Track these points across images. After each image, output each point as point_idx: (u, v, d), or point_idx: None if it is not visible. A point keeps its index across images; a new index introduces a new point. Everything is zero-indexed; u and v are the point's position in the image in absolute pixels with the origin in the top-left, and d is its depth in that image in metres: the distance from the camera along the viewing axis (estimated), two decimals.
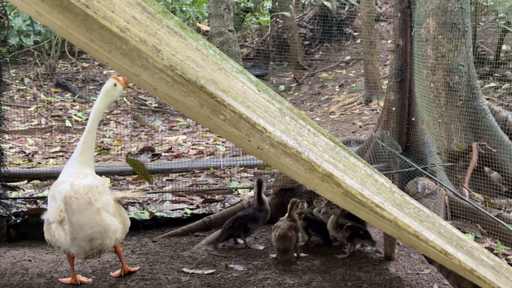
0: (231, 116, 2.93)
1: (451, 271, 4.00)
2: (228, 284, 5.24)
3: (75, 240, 4.84)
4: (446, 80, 6.76)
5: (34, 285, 5.17)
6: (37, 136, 11.01)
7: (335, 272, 5.46)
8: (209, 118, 2.99)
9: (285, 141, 2.95)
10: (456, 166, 6.71)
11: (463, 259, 2.87)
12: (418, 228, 2.88)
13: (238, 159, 8.92)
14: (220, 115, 3.07)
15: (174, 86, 2.99)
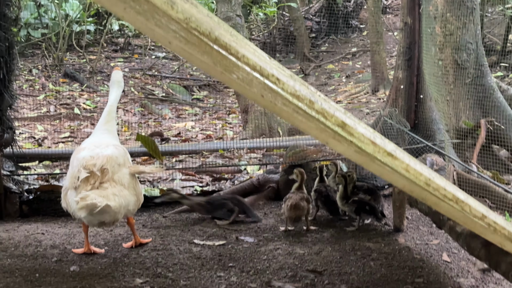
0: (245, 66, 2.98)
1: (461, 233, 4.04)
2: (239, 254, 5.30)
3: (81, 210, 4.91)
4: (454, 58, 6.80)
5: (47, 255, 5.23)
6: (46, 123, 11.09)
7: (344, 243, 5.51)
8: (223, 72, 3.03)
9: (298, 91, 3.00)
10: (465, 144, 6.75)
11: (474, 205, 2.92)
12: (430, 175, 2.93)
13: (246, 142, 8.98)
14: (234, 70, 3.12)
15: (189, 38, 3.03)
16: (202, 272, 4.91)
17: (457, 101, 6.82)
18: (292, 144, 7.25)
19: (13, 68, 6.55)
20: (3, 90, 6.35)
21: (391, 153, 2.96)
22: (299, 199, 5.80)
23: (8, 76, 6.43)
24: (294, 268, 4.96)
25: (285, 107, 3.21)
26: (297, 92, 3.03)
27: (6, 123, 6.53)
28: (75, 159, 5.07)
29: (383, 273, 4.81)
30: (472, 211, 2.94)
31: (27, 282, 4.62)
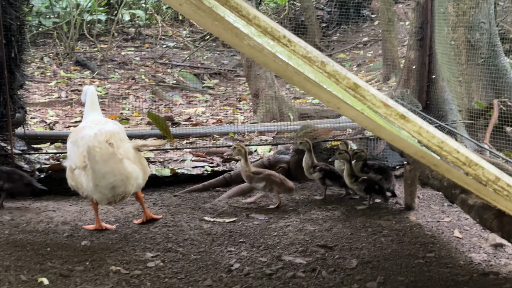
0: (257, 26, 2.96)
1: (473, 206, 4.00)
2: (249, 231, 5.29)
3: (98, 187, 4.95)
4: (467, 38, 6.74)
5: (59, 231, 5.25)
6: (58, 108, 11.10)
7: (355, 220, 5.50)
8: (234, 29, 3.02)
9: (310, 52, 2.98)
10: (477, 124, 6.70)
11: (487, 166, 2.88)
12: (442, 137, 2.90)
13: (257, 125, 8.96)
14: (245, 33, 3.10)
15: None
16: (212, 247, 4.91)
17: (470, 81, 6.76)
18: (303, 124, 7.22)
19: (24, 47, 6.57)
20: (14, 69, 6.36)
21: (403, 115, 2.93)
22: None
23: (20, 55, 6.45)
24: (304, 243, 4.95)
25: (296, 74, 3.19)
26: (308, 53, 3.01)
27: (17, 102, 6.55)
28: (80, 138, 5.07)
29: (394, 248, 4.80)
30: (485, 174, 2.90)
31: (38, 256, 4.64)
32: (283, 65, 3.22)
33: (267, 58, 3.25)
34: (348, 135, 7.17)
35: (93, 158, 4.81)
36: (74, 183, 5.17)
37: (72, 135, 5.27)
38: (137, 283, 4.20)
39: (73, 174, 5.14)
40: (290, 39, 3.01)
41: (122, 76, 14.43)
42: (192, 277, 4.30)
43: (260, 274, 4.34)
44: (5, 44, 6.20)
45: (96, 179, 4.91)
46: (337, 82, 3.02)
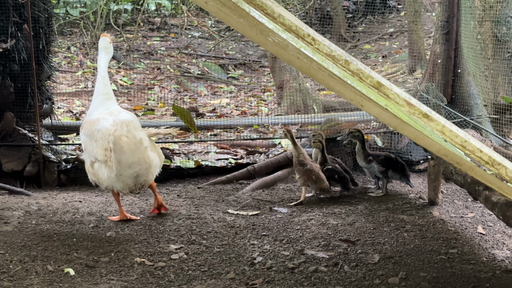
0: (282, 25, 2.98)
1: (496, 203, 3.99)
2: (272, 224, 5.33)
3: (121, 177, 5.00)
4: (494, 32, 6.67)
5: (85, 222, 5.33)
6: (84, 98, 11.21)
7: (378, 215, 5.50)
8: (260, 26, 3.04)
9: (334, 50, 2.99)
10: (502, 119, 6.64)
11: (510, 166, 2.88)
12: (466, 136, 2.90)
13: (281, 118, 8.98)
14: (270, 31, 3.12)
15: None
16: (235, 240, 4.95)
17: (496, 75, 6.70)
18: (327, 118, 7.22)
19: (52, 39, 6.65)
20: (42, 60, 6.46)
21: (426, 114, 2.94)
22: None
23: (47, 47, 6.54)
24: (327, 237, 4.97)
25: (320, 71, 3.21)
26: (332, 52, 3.02)
27: (45, 94, 6.65)
28: (96, 131, 5.07)
29: (417, 244, 4.80)
30: (508, 173, 2.90)
31: (64, 246, 4.72)
32: (307, 62, 3.24)
33: (291, 56, 3.27)
34: (372, 128, 7.16)
35: (120, 149, 4.84)
36: (95, 178, 5.23)
37: (86, 127, 5.23)
38: (161, 275, 4.27)
39: (93, 168, 5.18)
40: (314, 38, 3.03)
41: (148, 66, 14.52)
42: (215, 270, 4.36)
43: (282, 268, 4.37)
44: (33, 36, 6.29)
45: (121, 169, 4.95)
46: (361, 80, 3.03)
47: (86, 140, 5.20)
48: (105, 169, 5.05)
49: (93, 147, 5.10)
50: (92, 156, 5.14)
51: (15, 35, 6.20)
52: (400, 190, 6.31)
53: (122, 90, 12.05)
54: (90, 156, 5.18)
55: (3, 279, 4.08)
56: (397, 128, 3.29)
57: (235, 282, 4.16)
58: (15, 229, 5.05)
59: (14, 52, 6.22)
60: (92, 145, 5.12)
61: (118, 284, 4.11)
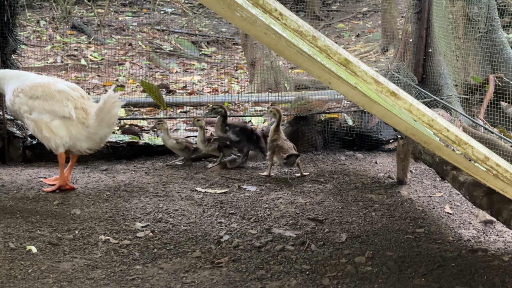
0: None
1: (464, 182, 3.99)
2: (240, 202, 5.28)
3: (94, 135, 5.38)
4: (465, 11, 6.66)
5: (49, 199, 5.24)
6: (53, 73, 11.01)
7: (347, 194, 5.49)
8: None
9: (301, 26, 2.93)
10: (472, 99, 6.66)
11: (476, 146, 2.86)
12: (433, 115, 2.87)
13: (252, 96, 8.91)
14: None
15: None
16: (203, 218, 4.90)
17: (466, 55, 6.70)
18: (298, 96, 7.17)
19: (17, 11, 6.48)
20: (7, 33, 6.29)
21: (394, 92, 2.90)
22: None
23: (13, 20, 6.36)
24: (295, 216, 4.95)
25: (288, 47, 3.14)
26: (300, 27, 2.96)
27: (10, 68, 6.47)
28: (57, 92, 5.34)
29: (384, 223, 4.80)
30: (474, 153, 2.88)
31: (27, 223, 4.63)
32: (275, 38, 3.18)
33: (259, 31, 3.20)
34: (343, 107, 7.14)
35: (109, 110, 5.28)
36: (50, 135, 5.34)
37: (34, 90, 5.33)
38: (126, 253, 4.20)
39: (51, 126, 5.32)
40: (281, 12, 2.95)
41: (119, 42, 14.32)
42: (181, 248, 4.31)
43: (249, 247, 4.34)
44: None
45: (99, 128, 5.34)
46: (328, 57, 2.97)
47: (35, 101, 5.33)
48: (73, 127, 5.32)
49: (55, 106, 5.31)
50: (51, 114, 5.33)
51: None
52: (369, 169, 6.31)
53: (92, 65, 11.87)
54: (47, 115, 5.33)
55: None
56: (365, 107, 3.25)
57: (201, 260, 4.11)
58: None
59: None
60: (51, 104, 5.31)
61: (81, 262, 4.03)
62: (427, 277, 3.83)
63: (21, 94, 5.36)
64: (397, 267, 3.97)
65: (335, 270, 3.96)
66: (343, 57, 2.92)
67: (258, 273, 3.92)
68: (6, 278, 3.75)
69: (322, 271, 3.94)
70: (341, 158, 6.72)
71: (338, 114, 6.86)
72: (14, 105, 5.39)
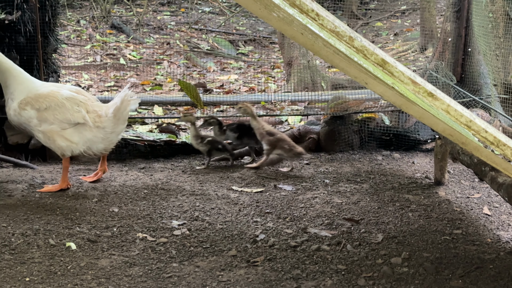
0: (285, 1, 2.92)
1: (502, 184, 3.94)
2: (276, 201, 5.30)
3: (111, 134, 5.44)
4: (506, 10, 6.56)
5: (88, 196, 5.33)
6: (92, 72, 11.18)
7: (383, 194, 5.46)
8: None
9: (338, 26, 2.93)
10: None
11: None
12: (471, 116, 2.84)
13: (289, 95, 8.92)
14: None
15: None
16: (239, 217, 4.93)
17: (507, 55, 6.59)
18: (335, 95, 7.16)
19: (58, 11, 6.60)
20: (48, 33, 6.40)
21: (431, 92, 2.88)
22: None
23: (54, 20, 6.48)
24: (331, 216, 4.94)
25: (325, 47, 3.15)
26: (336, 28, 2.96)
27: (51, 67, 6.60)
28: (65, 100, 5.30)
29: (421, 224, 4.76)
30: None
31: (67, 220, 4.71)
32: (312, 38, 3.18)
33: (296, 32, 3.21)
34: (380, 107, 7.09)
35: (125, 108, 5.36)
36: (64, 144, 5.35)
37: (41, 101, 5.27)
38: (163, 251, 4.25)
39: (65, 135, 5.34)
40: (318, 13, 2.96)
41: (157, 41, 14.44)
42: (217, 247, 4.34)
43: (285, 246, 4.35)
44: (39, 8, 6.24)
45: (117, 126, 5.43)
46: (365, 57, 2.97)
47: (45, 113, 5.29)
48: (87, 131, 5.36)
49: (67, 114, 5.30)
50: (63, 123, 5.32)
51: (21, 7, 6.15)
52: (406, 169, 6.26)
53: (131, 64, 12.01)
54: (59, 124, 5.32)
55: (4, 252, 4.08)
56: (402, 107, 3.23)
57: (237, 259, 4.14)
58: (19, 202, 5.05)
59: (19, 24, 6.17)
60: (63, 113, 5.30)
61: (119, 259, 4.09)
62: (464, 279, 3.80)
63: (27, 107, 5.29)
64: (434, 268, 3.94)
65: (371, 270, 3.94)
66: (380, 57, 2.91)
67: (294, 272, 3.93)
68: (46, 274, 3.83)
69: (357, 272, 3.93)
70: (378, 158, 6.69)
71: (375, 113, 6.83)
72: (21, 118, 5.32)
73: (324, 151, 6.81)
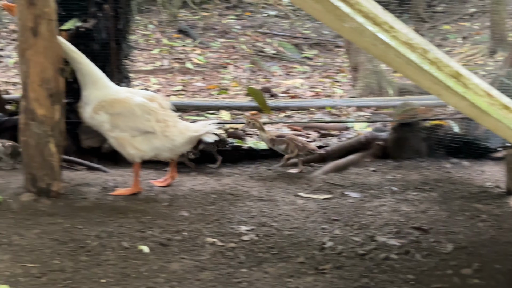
0: (358, 12, 2.95)
1: None
2: (343, 209, 5.31)
3: (179, 149, 5.57)
4: None
5: (158, 200, 5.45)
6: (160, 76, 11.42)
7: (452, 203, 5.40)
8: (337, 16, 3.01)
9: (411, 39, 2.93)
10: None
11: None
12: None
13: (355, 100, 8.90)
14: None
15: None
16: (306, 223, 4.96)
17: None
18: (403, 102, 7.10)
19: (131, 19, 6.78)
20: (121, 40, 6.59)
21: (507, 105, 2.85)
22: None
23: (126, 27, 6.67)
24: (399, 224, 4.92)
25: (397, 59, 3.16)
26: (410, 40, 2.96)
27: (123, 73, 6.79)
28: (136, 106, 5.38)
29: (492, 234, 4.69)
30: None
31: (139, 223, 4.84)
32: (384, 49, 3.20)
33: (367, 42, 3.23)
34: (449, 114, 7.01)
35: (200, 136, 5.54)
36: (133, 151, 5.49)
37: (114, 106, 5.39)
38: (232, 256, 4.32)
39: (135, 142, 5.45)
40: (392, 25, 2.98)
41: (222, 45, 14.62)
42: (285, 253, 4.38)
43: (352, 254, 4.35)
44: (113, 16, 6.42)
45: (186, 145, 5.57)
46: (439, 69, 2.97)
47: (117, 119, 5.40)
48: (155, 140, 5.44)
49: (137, 122, 5.40)
50: (133, 130, 5.43)
51: (95, 15, 6.35)
52: (476, 178, 6.17)
53: (197, 68, 12.20)
54: (129, 132, 5.43)
55: (81, 253, 4.23)
56: (476, 119, 3.21)
57: (305, 266, 4.17)
58: (93, 205, 5.21)
59: (94, 32, 6.37)
60: (134, 120, 5.39)
61: (190, 263, 4.18)
62: None
63: (101, 111, 5.41)
64: (506, 281, 3.88)
65: (440, 281, 3.91)
66: (454, 69, 2.90)
67: (362, 281, 3.93)
68: (120, 276, 3.95)
69: (427, 282, 3.91)
70: (446, 165, 6.60)
71: (444, 120, 6.75)
72: (94, 120, 5.47)
73: (391, 158, 6.77)
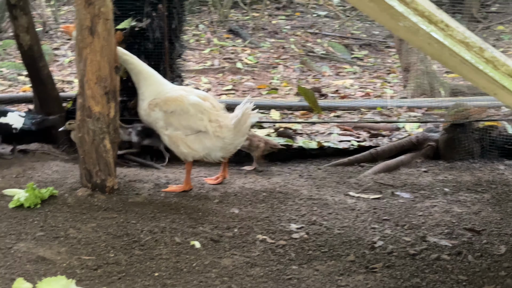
0: (414, 10, 2.95)
1: None
2: (394, 209, 5.29)
3: (230, 145, 5.53)
4: None
5: (209, 197, 5.52)
6: (210, 76, 11.52)
7: (506, 205, 5.34)
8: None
9: (468, 37, 2.92)
10: None
11: None
12: None
13: (406, 101, 8.83)
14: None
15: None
16: (356, 223, 4.96)
17: None
18: (456, 103, 7.02)
19: (184, 19, 6.88)
20: (174, 39, 6.69)
21: None
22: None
23: (179, 27, 6.77)
24: (450, 225, 4.88)
25: (452, 57, 3.15)
26: (466, 39, 2.95)
27: (175, 72, 6.89)
28: (190, 105, 5.42)
29: None
30: None
31: (191, 219, 4.92)
32: (439, 48, 3.19)
33: (422, 41, 3.22)
34: (503, 115, 6.91)
35: (245, 120, 5.41)
36: (186, 150, 5.53)
37: (169, 104, 5.46)
38: (282, 253, 4.36)
39: (187, 141, 5.50)
40: (447, 24, 2.97)
41: (273, 45, 14.66)
42: (336, 251, 4.40)
43: (403, 254, 4.35)
44: (167, 15, 6.53)
45: (236, 138, 5.50)
46: (495, 68, 2.95)
47: (171, 117, 5.47)
48: (207, 140, 5.46)
49: (190, 121, 5.45)
50: (186, 129, 5.49)
51: (150, 15, 6.47)
52: None
53: (247, 68, 12.27)
54: (182, 130, 5.49)
55: (134, 247, 4.33)
56: None
57: (355, 265, 4.18)
58: (146, 201, 5.32)
59: (148, 31, 6.50)
60: (187, 119, 5.45)
61: (241, 259, 4.24)
62: None
63: (156, 108, 5.50)
64: None
65: (493, 282, 3.88)
66: (511, 68, 2.88)
67: (413, 280, 3.92)
68: (173, 270, 4.03)
69: (479, 283, 3.88)
70: (499, 167, 6.51)
71: (498, 121, 6.65)
72: (150, 117, 5.56)
73: (443, 159, 6.70)
